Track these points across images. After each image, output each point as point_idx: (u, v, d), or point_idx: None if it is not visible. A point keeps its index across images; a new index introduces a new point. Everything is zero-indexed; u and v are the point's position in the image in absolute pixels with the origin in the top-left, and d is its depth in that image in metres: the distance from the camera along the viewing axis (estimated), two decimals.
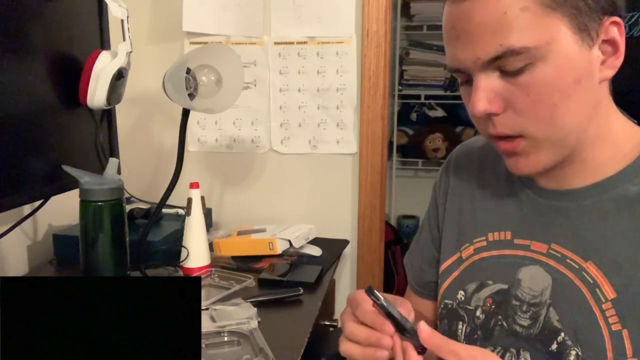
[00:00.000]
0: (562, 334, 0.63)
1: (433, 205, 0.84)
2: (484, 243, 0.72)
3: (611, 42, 0.59)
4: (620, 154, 0.63)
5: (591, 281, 0.62)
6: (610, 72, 0.60)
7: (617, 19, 0.58)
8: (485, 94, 0.58)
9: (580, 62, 0.57)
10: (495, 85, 0.58)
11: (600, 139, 0.63)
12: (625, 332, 0.58)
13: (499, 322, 0.69)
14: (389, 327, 0.57)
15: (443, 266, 0.76)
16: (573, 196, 0.65)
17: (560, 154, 0.61)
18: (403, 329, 0.56)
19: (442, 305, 0.75)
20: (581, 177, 0.64)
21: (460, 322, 0.72)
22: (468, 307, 0.72)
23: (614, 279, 0.60)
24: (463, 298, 0.72)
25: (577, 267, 0.63)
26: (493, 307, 0.69)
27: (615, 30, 0.58)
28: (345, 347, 0.61)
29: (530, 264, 0.67)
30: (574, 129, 0.60)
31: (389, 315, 0.57)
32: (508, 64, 0.56)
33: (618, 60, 0.59)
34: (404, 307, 0.61)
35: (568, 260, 0.64)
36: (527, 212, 0.69)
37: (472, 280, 0.72)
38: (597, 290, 0.61)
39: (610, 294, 0.60)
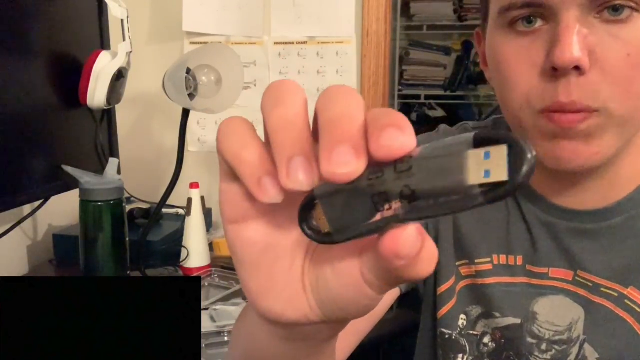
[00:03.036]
0: None
1: None
2: (490, 266, 0.61)
3: None
4: None
5: (638, 309, 0.53)
6: None
7: None
8: (579, 39, 0.45)
9: None
10: (588, 33, 0.46)
11: (635, 146, 0.53)
12: None
13: (511, 358, 0.59)
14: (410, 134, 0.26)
15: (441, 289, 0.65)
16: (600, 216, 0.55)
17: (619, 147, 0.50)
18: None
19: (438, 333, 0.65)
20: (611, 193, 0.55)
21: (460, 355, 0.62)
22: (472, 332, 0.62)
23: None
24: (465, 323, 0.62)
25: (616, 294, 0.54)
26: (503, 341, 0.60)
27: None
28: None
29: (551, 294, 0.57)
30: None
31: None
32: (614, 6, 0.45)
33: None
34: None
35: (603, 289, 0.55)
36: (539, 235, 0.58)
37: (475, 304, 0.62)
38: None
39: None
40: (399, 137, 0.22)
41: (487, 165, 0.21)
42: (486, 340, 0.61)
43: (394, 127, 0.23)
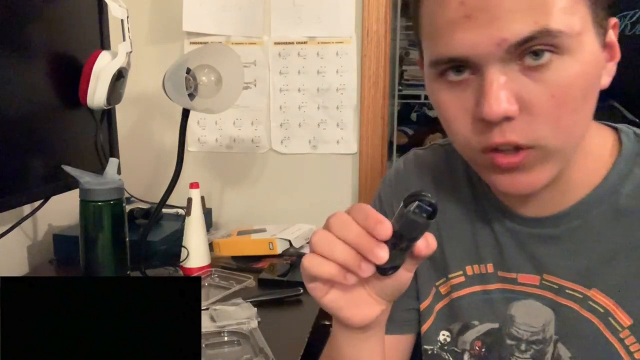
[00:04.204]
0: None
1: None
2: (463, 278, 0.64)
3: (610, 46, 0.53)
4: (598, 163, 0.57)
5: (601, 310, 0.55)
6: (609, 80, 0.54)
7: (617, 20, 0.53)
8: (504, 92, 0.47)
9: (599, 61, 0.51)
10: (513, 81, 0.48)
11: (583, 152, 0.56)
12: None
13: None
14: (387, 226, 0.45)
15: (422, 306, 0.68)
16: (558, 221, 0.58)
17: (559, 169, 0.53)
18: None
19: (422, 350, 0.68)
20: (565, 198, 0.57)
21: None
22: (455, 349, 0.64)
23: (626, 304, 0.54)
24: (449, 339, 0.65)
25: (580, 296, 0.56)
26: (484, 350, 0.62)
27: (613, 33, 0.53)
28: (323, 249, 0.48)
29: (522, 298, 0.60)
30: (580, 140, 0.53)
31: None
32: (534, 51, 0.47)
33: (615, 67, 0.54)
34: None
35: (568, 291, 0.57)
36: (505, 242, 0.61)
37: (455, 321, 0.64)
38: (610, 319, 0.55)
39: (626, 320, 0.54)
40: (379, 255, 0.45)
41: (416, 210, 0.44)
42: (466, 358, 0.64)
43: (374, 253, 0.46)
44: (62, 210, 1.26)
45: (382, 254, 0.45)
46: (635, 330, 0.54)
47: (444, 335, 0.65)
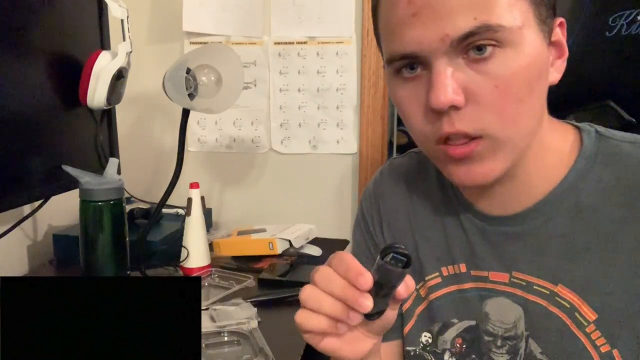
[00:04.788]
0: None
1: (369, 243, 0.75)
2: (439, 279, 0.66)
3: (557, 44, 0.56)
4: (558, 161, 0.59)
5: (567, 305, 0.57)
6: (558, 76, 0.56)
7: (563, 20, 0.56)
8: (451, 82, 0.51)
9: (543, 55, 0.54)
10: (459, 73, 0.51)
11: (541, 148, 0.58)
12: (615, 352, 0.55)
13: (475, 359, 0.64)
14: (367, 277, 0.49)
15: (404, 307, 0.70)
16: (523, 219, 0.60)
17: (512, 160, 0.55)
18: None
19: (404, 352, 0.70)
20: (528, 196, 0.59)
21: None
22: (436, 350, 0.66)
23: (590, 299, 0.56)
24: (430, 340, 0.67)
25: (547, 292, 0.58)
26: (464, 346, 0.64)
27: (560, 32, 0.56)
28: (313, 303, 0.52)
29: (494, 295, 0.62)
30: (530, 132, 0.55)
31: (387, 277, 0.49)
32: (477, 46, 0.50)
33: (564, 64, 0.57)
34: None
35: (535, 287, 0.59)
36: (475, 241, 0.63)
37: (435, 321, 0.66)
38: (576, 314, 0.56)
39: (591, 315, 0.56)
40: (364, 304, 0.49)
41: (392, 262, 0.48)
42: (447, 357, 0.65)
43: (359, 304, 0.49)
44: (62, 210, 1.27)
45: (367, 303, 0.49)
46: (600, 325, 0.55)
47: (425, 337, 0.67)
